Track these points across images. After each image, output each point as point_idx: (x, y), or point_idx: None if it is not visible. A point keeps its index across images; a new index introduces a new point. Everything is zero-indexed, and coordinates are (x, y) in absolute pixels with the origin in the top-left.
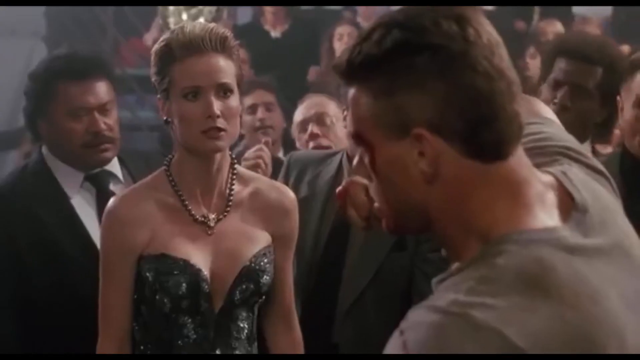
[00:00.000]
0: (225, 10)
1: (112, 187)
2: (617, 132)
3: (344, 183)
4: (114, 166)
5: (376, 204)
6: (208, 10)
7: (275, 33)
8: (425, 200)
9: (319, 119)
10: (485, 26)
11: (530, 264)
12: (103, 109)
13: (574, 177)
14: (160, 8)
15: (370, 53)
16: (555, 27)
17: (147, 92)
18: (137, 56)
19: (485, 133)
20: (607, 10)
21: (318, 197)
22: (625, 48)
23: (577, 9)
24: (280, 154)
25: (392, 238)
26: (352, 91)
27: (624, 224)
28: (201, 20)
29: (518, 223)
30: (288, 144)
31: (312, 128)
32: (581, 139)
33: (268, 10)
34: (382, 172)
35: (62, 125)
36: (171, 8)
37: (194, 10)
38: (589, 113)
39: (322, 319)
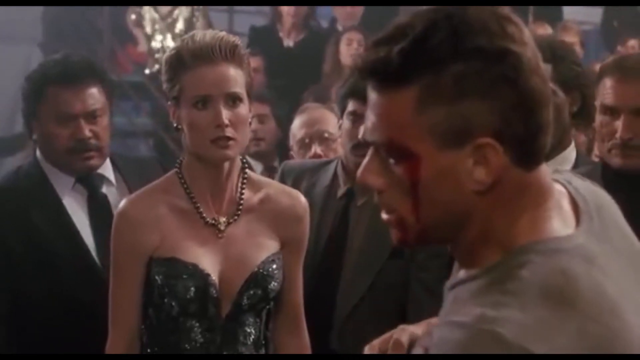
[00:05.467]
0: (200, 16)
1: (104, 190)
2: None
3: (389, 346)
4: (106, 169)
5: (390, 216)
6: (184, 18)
7: (288, 42)
8: (468, 212)
9: (321, 137)
10: None
11: (554, 277)
12: (91, 115)
13: (578, 185)
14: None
15: (426, 55)
16: (545, 30)
17: (143, 98)
18: (133, 63)
19: (541, 138)
20: (597, 16)
21: (315, 206)
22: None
23: (568, 14)
24: (276, 164)
25: (389, 245)
26: (385, 95)
27: (628, 231)
28: (179, 24)
29: (539, 231)
30: (284, 153)
31: (316, 149)
32: (564, 141)
33: (287, 16)
34: (424, 184)
35: (49, 129)
36: (147, 17)
37: (169, 20)
38: (562, 107)
39: (320, 327)
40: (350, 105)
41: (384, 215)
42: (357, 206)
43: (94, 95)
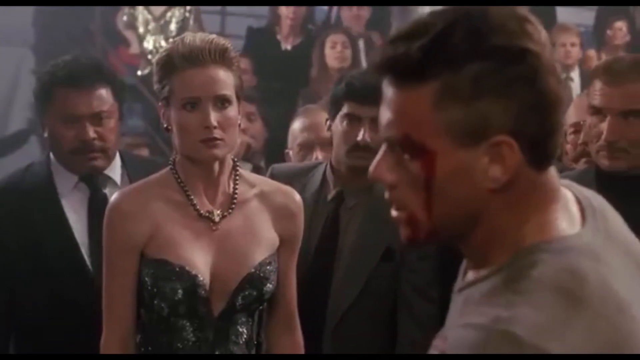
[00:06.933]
0: (191, 18)
1: (107, 190)
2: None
3: None
4: (113, 170)
5: (400, 213)
6: (176, 19)
7: (286, 45)
8: (480, 210)
9: (324, 142)
10: None
11: (564, 275)
12: (96, 117)
13: (580, 189)
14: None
15: (446, 52)
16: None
17: (135, 100)
18: (125, 65)
19: (555, 138)
20: (589, 19)
21: (305, 210)
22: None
23: (560, 16)
24: (262, 164)
25: (380, 247)
26: (403, 91)
27: (629, 232)
28: (172, 26)
29: (548, 231)
30: (269, 153)
31: (317, 155)
32: None
33: (285, 19)
34: (439, 180)
35: (55, 129)
36: (140, 18)
37: (162, 22)
38: None
39: (313, 329)
40: (346, 108)
41: (394, 213)
42: (348, 208)
43: (101, 97)
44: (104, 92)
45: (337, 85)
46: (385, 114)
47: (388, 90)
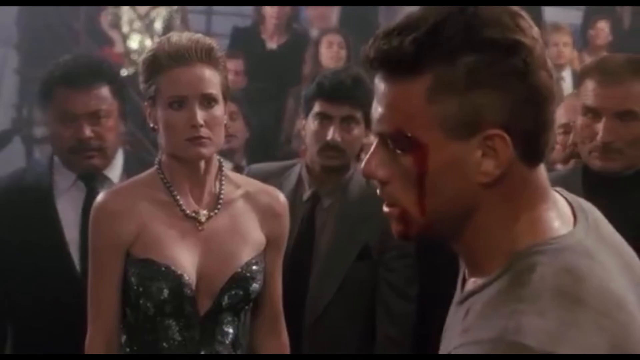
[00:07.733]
0: (178, 18)
1: (104, 189)
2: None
3: None
4: (112, 170)
5: (392, 209)
6: (162, 18)
7: (271, 44)
8: (472, 205)
9: None
10: None
11: (563, 276)
12: (94, 116)
13: (569, 193)
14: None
15: (439, 45)
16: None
17: None
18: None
19: (546, 134)
20: (577, 18)
21: None
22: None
23: (549, 16)
24: (244, 163)
25: (356, 247)
26: (396, 85)
27: (616, 233)
28: (157, 25)
29: (541, 231)
30: (251, 152)
31: None
32: None
33: (270, 19)
34: (432, 175)
35: (54, 128)
36: (125, 18)
37: (147, 21)
38: None
39: (292, 329)
40: (317, 107)
41: (386, 209)
42: (323, 209)
43: (99, 96)
44: (103, 91)
45: (309, 84)
46: (377, 109)
47: (380, 86)
